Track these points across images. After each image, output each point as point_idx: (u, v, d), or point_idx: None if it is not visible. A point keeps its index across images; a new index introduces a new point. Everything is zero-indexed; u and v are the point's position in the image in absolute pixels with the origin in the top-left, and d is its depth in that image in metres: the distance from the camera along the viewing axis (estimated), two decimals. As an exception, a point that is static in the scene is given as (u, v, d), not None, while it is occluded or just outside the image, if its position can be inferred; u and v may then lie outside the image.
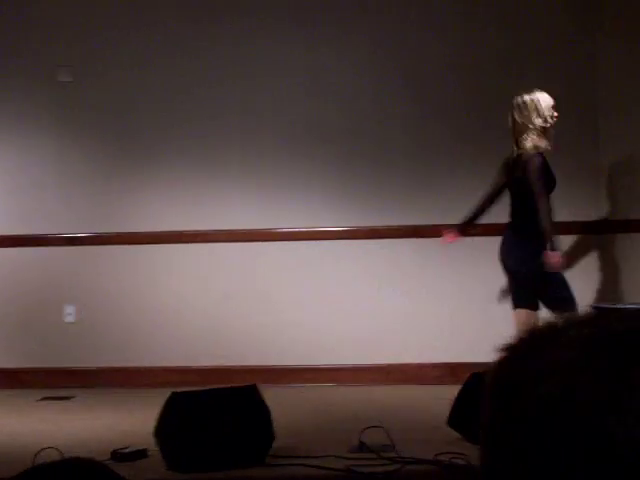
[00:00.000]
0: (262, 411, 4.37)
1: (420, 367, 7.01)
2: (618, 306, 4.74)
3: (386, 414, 5.62)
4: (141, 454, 4.51)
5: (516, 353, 0.89)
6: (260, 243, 7.20)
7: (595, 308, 3.14)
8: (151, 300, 7.26)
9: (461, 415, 4.72)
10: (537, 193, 5.65)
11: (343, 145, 7.20)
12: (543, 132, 5.76)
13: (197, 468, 4.13)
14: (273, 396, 4.55)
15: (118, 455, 4.50)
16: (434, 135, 7.16)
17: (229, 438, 4.21)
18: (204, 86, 7.28)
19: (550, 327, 0.89)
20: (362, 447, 4.57)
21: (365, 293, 7.15)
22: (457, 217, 6.65)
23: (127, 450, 4.56)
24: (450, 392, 4.96)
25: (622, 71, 7.01)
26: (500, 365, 0.90)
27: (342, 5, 7.27)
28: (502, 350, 0.90)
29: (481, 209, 6.13)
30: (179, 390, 4.46)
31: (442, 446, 4.47)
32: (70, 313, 7.28)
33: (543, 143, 5.74)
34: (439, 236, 6.54)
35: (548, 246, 5.60)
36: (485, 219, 6.23)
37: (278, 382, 6.91)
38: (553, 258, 5.61)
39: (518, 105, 5.78)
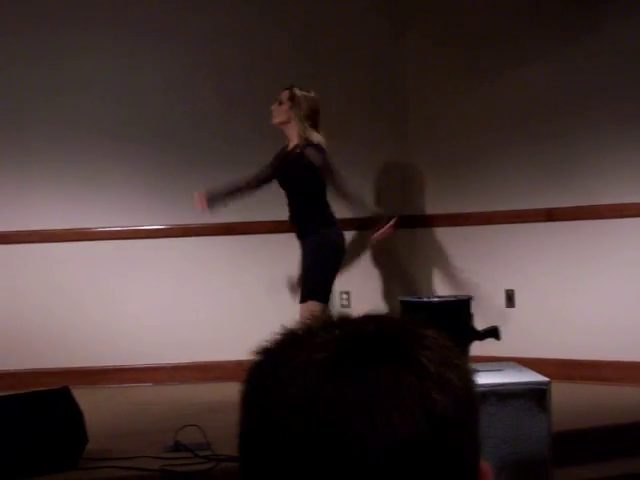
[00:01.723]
0: (73, 414, 4.31)
1: (238, 364, 7.02)
2: (424, 299, 4.87)
3: (201, 412, 5.62)
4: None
5: (269, 355, 0.90)
6: (72, 243, 7.09)
7: (402, 302, 3.23)
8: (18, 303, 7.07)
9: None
10: None
11: (154, 143, 7.15)
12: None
13: (5, 476, 4.03)
14: (90, 398, 4.49)
15: None
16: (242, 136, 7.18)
17: (38, 443, 4.13)
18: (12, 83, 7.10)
19: (304, 328, 0.91)
20: (177, 446, 4.56)
21: (184, 291, 7.13)
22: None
23: None
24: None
25: (430, 71, 7.22)
26: (253, 368, 0.91)
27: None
28: (256, 352, 0.91)
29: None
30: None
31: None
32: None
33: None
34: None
35: None
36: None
37: (95, 384, 6.81)
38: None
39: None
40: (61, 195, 7.13)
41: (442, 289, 7.01)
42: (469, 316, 4.45)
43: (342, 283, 7.05)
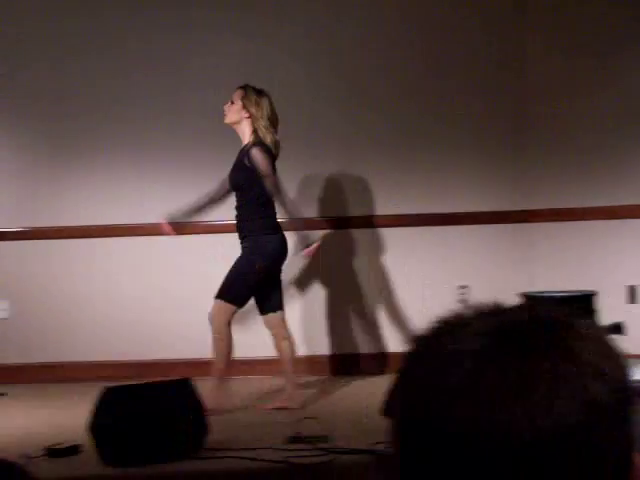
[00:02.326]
0: (196, 404, 4.38)
1: (362, 357, 7.05)
2: (547, 293, 4.81)
3: (321, 405, 5.65)
4: (75, 450, 4.49)
5: (426, 344, 0.90)
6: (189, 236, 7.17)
7: (525, 296, 3.20)
8: (83, 295, 7.20)
9: (395, 404, 4.74)
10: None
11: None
12: None
13: (131, 462, 4.12)
14: (207, 389, 4.55)
15: (53, 451, 4.48)
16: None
17: (163, 432, 4.21)
18: (132, 77, 7.22)
19: (458, 317, 0.90)
20: (297, 438, 4.59)
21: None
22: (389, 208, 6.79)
23: (62, 446, 4.54)
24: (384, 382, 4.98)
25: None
26: (409, 356, 0.91)
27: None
28: (412, 341, 0.91)
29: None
30: (113, 384, 4.44)
31: (377, 436, 4.49)
32: (3, 309, 7.20)
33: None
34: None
35: None
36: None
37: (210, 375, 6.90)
38: None
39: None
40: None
41: (561, 283, 6.90)
42: (593, 311, 4.38)
43: (460, 277, 7.03)
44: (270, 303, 5.86)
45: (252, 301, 5.92)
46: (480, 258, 7.12)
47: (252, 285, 5.77)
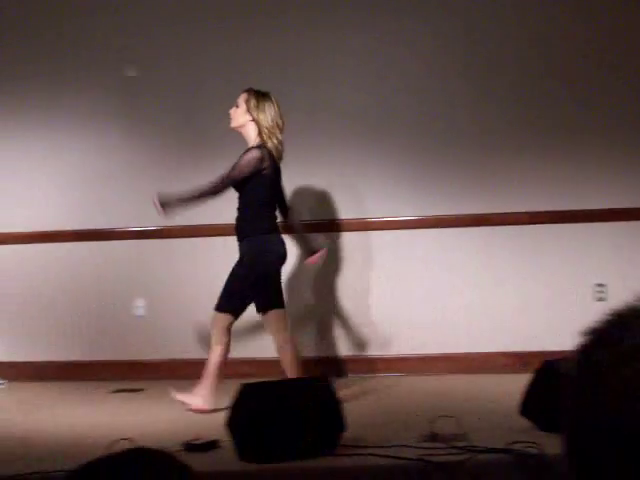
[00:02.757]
0: (333, 401, 4.38)
1: (489, 356, 6.96)
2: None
3: (455, 403, 5.60)
4: (213, 445, 4.54)
5: (599, 337, 0.87)
6: (327, 234, 7.19)
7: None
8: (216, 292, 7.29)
9: (533, 403, 4.67)
10: None
11: (411, 133, 7.16)
12: None
13: (268, 459, 4.14)
14: (342, 386, 4.54)
15: (190, 446, 4.53)
16: (499, 122, 7.10)
17: (300, 429, 4.22)
18: (272, 79, 7.28)
19: (633, 310, 0.87)
20: (433, 436, 4.55)
21: (433, 282, 7.12)
22: (521, 204, 6.71)
23: (199, 441, 4.59)
24: (519, 381, 4.91)
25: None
26: (584, 348, 0.88)
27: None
28: (586, 334, 0.88)
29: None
30: (250, 381, 4.47)
31: (514, 435, 4.43)
32: (140, 306, 7.35)
33: None
34: (505, 224, 6.63)
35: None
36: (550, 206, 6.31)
37: (345, 372, 6.91)
38: None
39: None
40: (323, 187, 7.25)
41: None
42: None
43: (597, 275, 6.88)
44: (271, 303, 5.82)
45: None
46: (615, 256, 6.96)
47: (247, 290, 5.78)
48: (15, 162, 7.55)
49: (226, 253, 7.22)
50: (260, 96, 5.85)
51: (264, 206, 5.83)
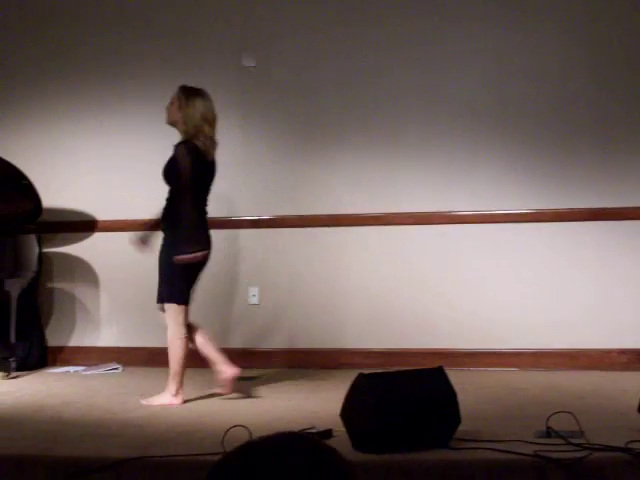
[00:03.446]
0: (449, 394, 4.35)
1: (606, 353, 6.84)
2: None
3: (571, 400, 5.52)
4: (327, 434, 4.55)
5: None
6: (439, 226, 7.16)
7: None
8: (331, 283, 7.31)
9: (652, 402, 4.57)
10: None
11: (526, 127, 7.08)
12: None
13: (383, 449, 4.14)
14: (455, 379, 4.50)
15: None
16: (616, 117, 6.96)
17: (415, 420, 4.21)
18: (387, 67, 7.27)
19: None
20: (549, 432, 4.48)
21: (549, 277, 7.03)
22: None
23: (313, 430, 4.61)
24: (637, 378, 4.82)
25: None
26: None
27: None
28: None
29: None
30: (366, 371, 4.47)
31: (633, 434, 4.34)
32: (254, 295, 7.42)
33: None
34: (622, 218, 6.51)
35: None
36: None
37: (459, 366, 6.87)
38: None
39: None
40: (429, 177, 7.22)
41: None
42: None
43: None
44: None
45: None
46: None
47: (187, 278, 5.83)
48: (134, 151, 7.68)
49: (338, 243, 7.26)
50: (189, 92, 5.85)
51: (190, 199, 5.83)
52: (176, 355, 5.82)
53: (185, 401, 5.81)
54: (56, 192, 7.65)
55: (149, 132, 7.53)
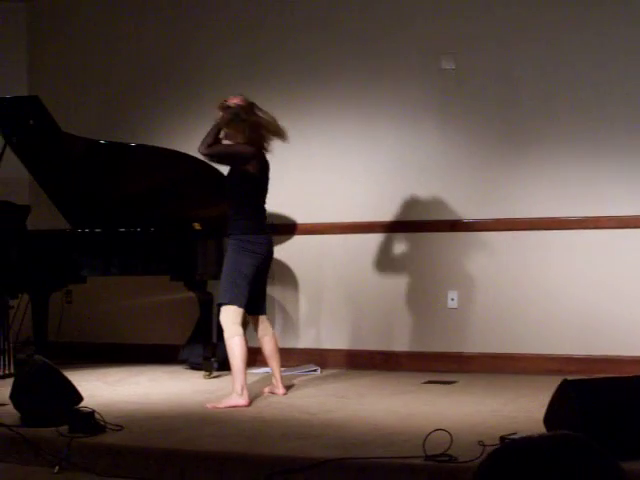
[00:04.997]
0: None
1: None
2: None
3: None
4: (530, 441, 4.47)
5: None
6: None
7: None
8: (528, 288, 7.19)
9: None
10: None
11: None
12: None
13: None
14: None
15: (507, 441, 4.47)
16: None
17: (625, 429, 4.06)
18: (587, 67, 7.10)
19: None
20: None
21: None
22: None
23: (515, 436, 4.53)
24: None
25: None
26: None
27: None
28: None
29: None
30: (571, 378, 4.35)
31: None
32: (453, 298, 7.37)
33: None
34: None
35: None
36: None
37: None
38: None
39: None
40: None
41: None
42: None
43: None
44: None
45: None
46: None
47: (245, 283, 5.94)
48: (334, 157, 7.78)
49: (538, 247, 7.14)
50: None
51: (251, 204, 6.08)
52: (233, 354, 5.92)
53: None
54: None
55: (343, 139, 7.61)
